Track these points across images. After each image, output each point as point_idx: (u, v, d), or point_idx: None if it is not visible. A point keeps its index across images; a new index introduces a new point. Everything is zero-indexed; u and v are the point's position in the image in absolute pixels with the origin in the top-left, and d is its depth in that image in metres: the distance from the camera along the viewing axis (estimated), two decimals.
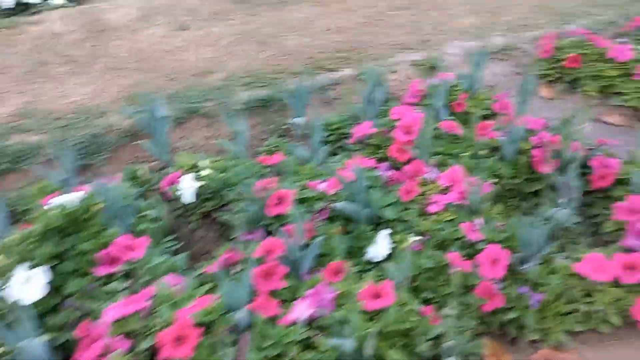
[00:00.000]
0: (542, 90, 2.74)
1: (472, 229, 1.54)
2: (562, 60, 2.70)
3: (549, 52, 2.77)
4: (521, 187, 1.86)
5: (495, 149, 1.96)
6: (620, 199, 1.69)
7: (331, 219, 1.63)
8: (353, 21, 3.41)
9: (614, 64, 2.61)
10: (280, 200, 1.59)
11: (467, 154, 1.91)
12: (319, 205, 1.65)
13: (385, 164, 1.90)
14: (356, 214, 1.59)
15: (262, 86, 2.56)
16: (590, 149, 1.92)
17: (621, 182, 1.77)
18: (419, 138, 1.88)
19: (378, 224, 1.64)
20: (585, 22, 3.23)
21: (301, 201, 1.64)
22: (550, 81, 2.79)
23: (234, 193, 1.69)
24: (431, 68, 2.77)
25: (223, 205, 1.74)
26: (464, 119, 2.20)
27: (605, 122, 2.48)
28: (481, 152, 1.92)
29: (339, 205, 1.57)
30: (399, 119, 2.00)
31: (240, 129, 1.98)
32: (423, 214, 1.66)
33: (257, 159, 1.95)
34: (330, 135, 2.22)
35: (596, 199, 1.83)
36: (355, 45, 3.05)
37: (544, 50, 2.78)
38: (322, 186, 1.72)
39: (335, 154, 2.14)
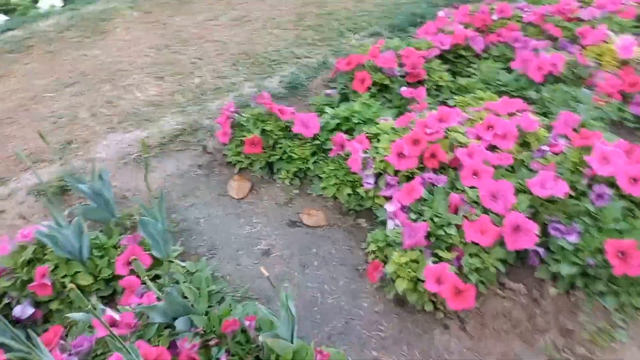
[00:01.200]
0: (231, 188, 2.04)
1: None
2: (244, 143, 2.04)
3: (227, 134, 2.07)
4: None
5: None
6: None
7: None
8: None
9: (303, 140, 2.01)
10: None
11: None
12: None
13: None
14: None
15: None
16: None
17: None
18: None
19: None
20: (291, 69, 2.64)
21: None
22: (242, 169, 2.11)
23: None
24: (62, 192, 1.91)
25: None
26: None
27: (301, 225, 1.85)
28: None
29: None
30: None
31: None
32: None
33: None
34: None
35: None
36: None
37: (222, 132, 2.08)
38: None
39: None
